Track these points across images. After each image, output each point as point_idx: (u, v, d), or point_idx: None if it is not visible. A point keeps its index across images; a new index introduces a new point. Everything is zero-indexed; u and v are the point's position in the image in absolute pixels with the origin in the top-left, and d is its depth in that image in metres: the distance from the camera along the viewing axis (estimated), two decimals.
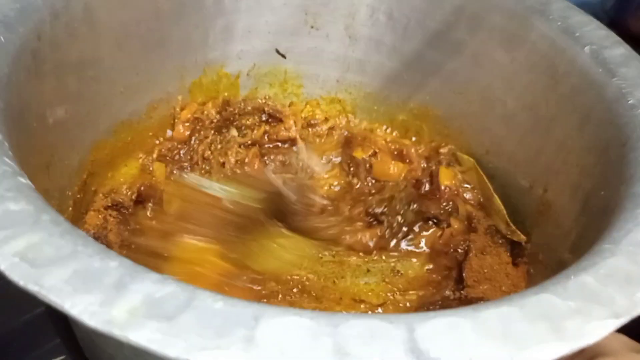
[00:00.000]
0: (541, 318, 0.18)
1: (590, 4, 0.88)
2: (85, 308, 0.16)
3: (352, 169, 0.49)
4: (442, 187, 0.45)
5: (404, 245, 0.44)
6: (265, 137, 0.52)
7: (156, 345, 0.16)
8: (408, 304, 0.40)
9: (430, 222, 0.45)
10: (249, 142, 0.51)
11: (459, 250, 0.42)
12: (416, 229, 0.44)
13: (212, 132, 0.51)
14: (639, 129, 0.29)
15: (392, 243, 0.44)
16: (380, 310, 0.40)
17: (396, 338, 0.17)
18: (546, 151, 0.39)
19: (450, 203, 0.45)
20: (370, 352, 0.16)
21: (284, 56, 0.52)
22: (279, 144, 0.53)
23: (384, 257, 0.43)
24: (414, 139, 0.50)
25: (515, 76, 0.41)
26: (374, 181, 0.48)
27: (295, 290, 0.41)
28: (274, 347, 0.16)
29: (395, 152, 0.49)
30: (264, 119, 0.53)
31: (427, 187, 0.46)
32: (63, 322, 0.43)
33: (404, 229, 0.44)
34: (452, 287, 0.40)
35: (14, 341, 0.42)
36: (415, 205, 0.45)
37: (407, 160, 0.48)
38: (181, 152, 0.49)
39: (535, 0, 0.39)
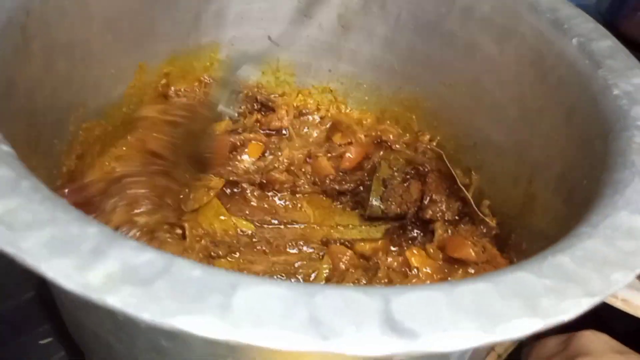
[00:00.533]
0: (516, 295, 0.18)
1: (584, 5, 0.89)
2: (60, 271, 0.16)
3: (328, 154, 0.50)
4: None
5: None
6: (257, 125, 0.52)
7: (132, 308, 0.16)
8: None
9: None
10: (240, 129, 0.51)
11: None
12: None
13: None
14: (622, 119, 0.29)
15: None
16: None
17: (371, 309, 0.17)
18: (533, 143, 0.39)
19: None
20: (345, 322, 0.16)
21: (276, 44, 0.52)
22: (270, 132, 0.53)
23: None
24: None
25: (504, 68, 0.41)
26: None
27: None
28: (249, 314, 0.16)
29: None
30: (256, 107, 0.53)
31: None
32: (52, 307, 0.43)
33: None
34: None
35: (3, 325, 0.42)
36: None
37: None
38: None
39: None
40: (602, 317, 0.51)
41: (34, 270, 0.16)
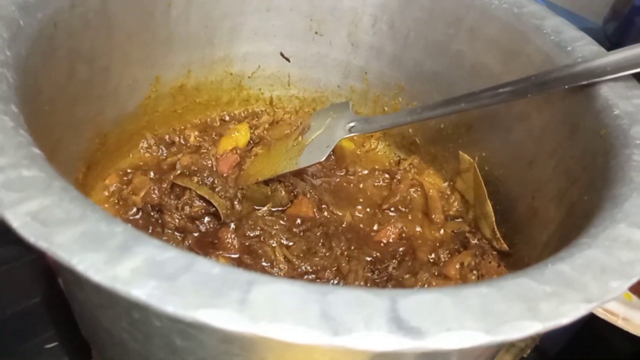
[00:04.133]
0: (518, 299, 0.19)
1: (592, 29, 0.90)
2: (91, 264, 0.17)
3: None
4: None
5: None
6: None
7: (155, 300, 0.17)
8: None
9: None
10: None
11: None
12: None
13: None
14: (622, 137, 0.30)
15: None
16: None
17: (380, 308, 0.18)
18: (537, 159, 0.40)
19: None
20: (355, 319, 0.17)
21: (288, 60, 0.54)
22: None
23: None
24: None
25: None
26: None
27: None
28: (265, 309, 0.17)
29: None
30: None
31: None
32: (57, 313, 0.44)
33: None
34: None
35: (10, 330, 0.43)
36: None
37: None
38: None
39: (531, 15, 0.41)
40: (606, 338, 0.51)
41: (66, 264, 0.17)
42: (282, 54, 0.54)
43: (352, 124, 0.45)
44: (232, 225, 0.43)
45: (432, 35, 0.47)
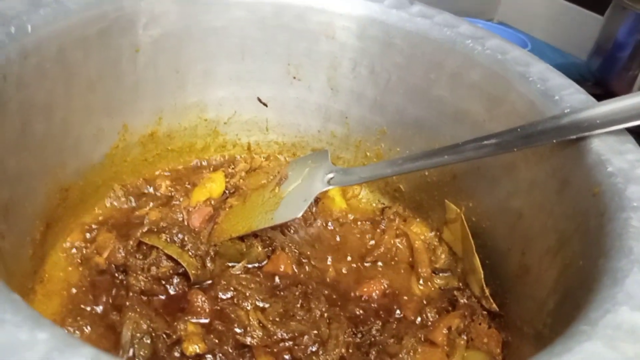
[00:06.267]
0: None
1: (577, 64, 0.89)
2: None
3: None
4: None
5: None
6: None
7: None
8: None
9: None
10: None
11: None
12: None
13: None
14: (617, 198, 0.28)
15: None
16: None
17: None
18: (526, 213, 0.38)
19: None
20: None
21: (265, 104, 0.52)
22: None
23: None
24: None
25: None
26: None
27: None
28: None
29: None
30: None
31: None
32: None
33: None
34: None
35: None
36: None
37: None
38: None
39: (515, 62, 0.40)
40: None
41: None
42: (259, 99, 0.51)
43: (330, 176, 0.43)
44: (204, 286, 0.40)
45: (412, 80, 0.46)
